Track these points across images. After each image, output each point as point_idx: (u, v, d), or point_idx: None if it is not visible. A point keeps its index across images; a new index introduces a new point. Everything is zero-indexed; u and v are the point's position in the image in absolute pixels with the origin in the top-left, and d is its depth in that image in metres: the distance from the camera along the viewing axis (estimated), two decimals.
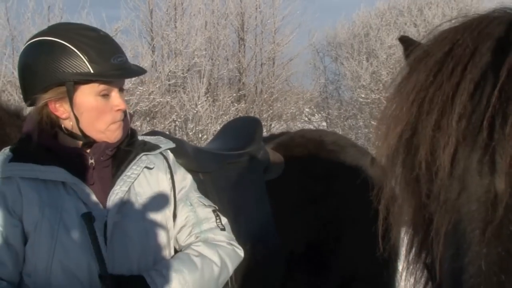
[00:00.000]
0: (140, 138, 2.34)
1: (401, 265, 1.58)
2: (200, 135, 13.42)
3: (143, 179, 2.21)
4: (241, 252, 2.37)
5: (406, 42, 1.53)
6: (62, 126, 2.10)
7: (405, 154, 1.30)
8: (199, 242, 2.25)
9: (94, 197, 2.07)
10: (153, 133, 2.79)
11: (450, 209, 1.19)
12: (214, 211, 2.37)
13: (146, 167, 2.22)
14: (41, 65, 2.04)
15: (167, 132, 12.20)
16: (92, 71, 2.03)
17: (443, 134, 1.20)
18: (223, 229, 2.34)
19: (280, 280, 3.14)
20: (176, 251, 2.28)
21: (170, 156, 2.36)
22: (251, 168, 3.24)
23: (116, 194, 2.11)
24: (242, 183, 3.18)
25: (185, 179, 2.36)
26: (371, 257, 2.12)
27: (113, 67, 2.07)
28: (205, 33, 16.65)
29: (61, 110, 2.07)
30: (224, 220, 2.38)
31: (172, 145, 2.39)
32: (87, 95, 2.06)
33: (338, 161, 3.46)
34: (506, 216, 1.12)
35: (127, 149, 2.22)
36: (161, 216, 2.21)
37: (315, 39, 20.19)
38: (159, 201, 2.23)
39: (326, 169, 3.40)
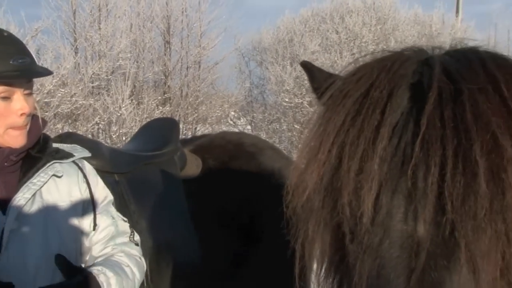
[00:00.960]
0: (55, 145, 2.29)
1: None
2: (124, 138, 13.26)
3: (53, 187, 2.18)
4: (144, 270, 2.40)
5: (308, 68, 1.53)
6: None
7: (326, 196, 1.29)
8: (122, 253, 2.25)
9: None
10: (67, 134, 2.78)
11: (374, 254, 1.19)
12: (130, 226, 2.38)
13: (54, 175, 2.18)
14: None
15: (90, 135, 12.02)
16: None
17: (365, 178, 1.19)
18: (137, 245, 2.37)
19: (200, 284, 3.15)
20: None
21: (86, 165, 2.33)
22: (168, 169, 3.26)
23: (17, 201, 2.07)
24: (159, 184, 3.18)
25: (105, 191, 2.35)
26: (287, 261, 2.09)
27: (13, 68, 2.02)
28: (130, 36, 16.42)
29: None
30: (137, 236, 2.40)
31: (87, 154, 2.37)
32: None
33: (256, 163, 3.51)
34: (428, 263, 1.13)
35: (37, 156, 2.17)
36: (69, 225, 2.18)
37: (241, 44, 20.36)
38: (68, 210, 2.19)
39: (244, 170, 3.44)
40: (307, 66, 1.53)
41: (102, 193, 2.33)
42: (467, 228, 1.11)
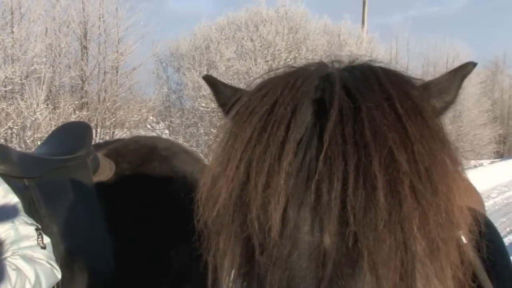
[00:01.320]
0: None
1: None
2: (39, 143, 13.09)
3: None
4: (58, 274, 2.34)
5: (212, 83, 1.54)
6: None
7: (235, 210, 1.29)
8: (17, 255, 2.19)
9: None
10: None
11: (283, 266, 1.21)
12: (37, 229, 2.31)
13: None
14: None
15: (2, 140, 11.79)
16: None
17: (272, 193, 1.21)
18: (44, 248, 2.29)
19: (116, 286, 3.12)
20: None
21: None
22: (80, 172, 3.22)
23: None
24: (70, 188, 3.14)
25: (6, 196, 2.30)
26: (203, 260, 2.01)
27: None
28: (45, 40, 16.09)
29: None
30: (47, 239, 2.34)
31: None
32: None
33: (169, 166, 3.52)
34: (334, 272, 1.17)
35: None
36: None
37: (159, 50, 20.35)
38: None
39: (157, 173, 3.44)
40: (210, 81, 1.54)
41: (2, 198, 2.29)
42: (368, 239, 1.16)
